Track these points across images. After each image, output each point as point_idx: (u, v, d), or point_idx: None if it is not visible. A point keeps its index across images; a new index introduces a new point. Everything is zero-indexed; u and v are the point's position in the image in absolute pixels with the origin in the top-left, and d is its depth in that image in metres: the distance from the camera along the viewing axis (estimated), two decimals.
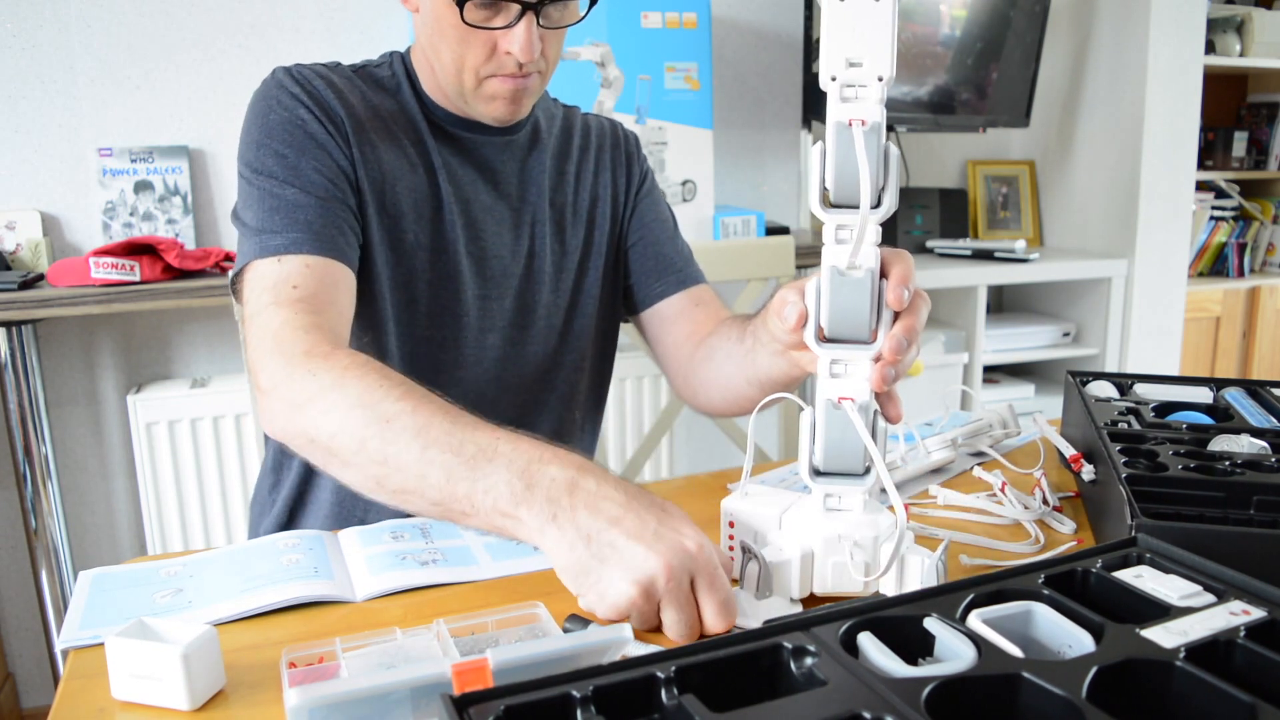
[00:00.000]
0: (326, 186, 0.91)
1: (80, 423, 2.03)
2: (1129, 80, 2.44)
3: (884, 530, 0.69)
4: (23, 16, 1.86)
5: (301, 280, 0.85)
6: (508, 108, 0.95)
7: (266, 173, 0.90)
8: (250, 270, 0.88)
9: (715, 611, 0.63)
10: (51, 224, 1.94)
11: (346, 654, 0.60)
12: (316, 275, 0.86)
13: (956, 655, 0.49)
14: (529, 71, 0.93)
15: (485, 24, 0.89)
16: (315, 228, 0.88)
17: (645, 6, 1.99)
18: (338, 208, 0.91)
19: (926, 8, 2.37)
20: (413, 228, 0.97)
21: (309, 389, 0.77)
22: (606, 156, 1.11)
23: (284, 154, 0.91)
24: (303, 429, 0.77)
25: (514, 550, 0.81)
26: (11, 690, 2.05)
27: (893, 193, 0.66)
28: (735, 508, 0.74)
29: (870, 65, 0.64)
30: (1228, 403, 1.01)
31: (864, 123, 0.64)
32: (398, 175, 0.96)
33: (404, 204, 0.96)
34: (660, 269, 1.10)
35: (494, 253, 1.02)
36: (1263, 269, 3.12)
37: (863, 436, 0.67)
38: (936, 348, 2.35)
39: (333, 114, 0.93)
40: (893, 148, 0.66)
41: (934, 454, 0.98)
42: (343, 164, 0.92)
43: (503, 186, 1.03)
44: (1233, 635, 0.49)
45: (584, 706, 0.44)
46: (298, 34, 2.04)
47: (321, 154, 0.91)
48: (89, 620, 0.70)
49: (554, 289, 1.06)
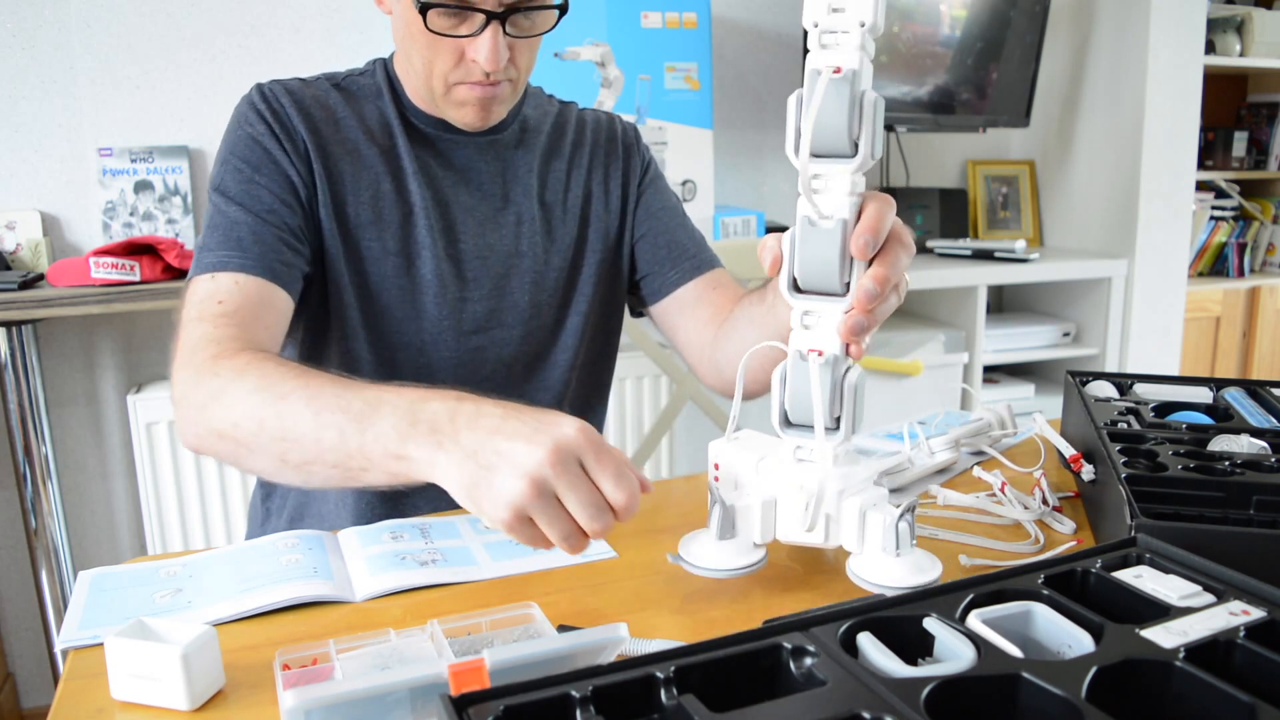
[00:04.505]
0: (273, 207, 0.92)
1: (80, 423, 2.03)
2: (1129, 80, 2.44)
3: (853, 485, 0.68)
4: (23, 16, 1.87)
5: (228, 296, 0.87)
6: (477, 114, 0.96)
7: (221, 190, 0.93)
8: (189, 287, 0.90)
9: (612, 482, 0.63)
10: (51, 224, 1.94)
11: (341, 655, 0.60)
12: (244, 292, 0.87)
13: (956, 655, 0.49)
14: (498, 80, 0.93)
15: (449, 32, 0.89)
16: (247, 245, 0.89)
17: (645, 6, 1.99)
18: (278, 229, 0.92)
19: (926, 8, 2.37)
20: (380, 236, 0.98)
21: (212, 388, 0.79)
22: (602, 151, 1.10)
23: (240, 170, 0.93)
24: (209, 427, 0.78)
25: (514, 550, 0.81)
26: (11, 690, 2.05)
27: (869, 141, 0.64)
28: (721, 451, 0.74)
29: (852, 11, 0.63)
30: (1227, 403, 1.00)
31: (838, 70, 0.62)
32: (362, 186, 0.97)
33: (367, 214, 0.97)
34: (673, 256, 1.09)
35: (473, 254, 1.02)
36: (1263, 269, 3.12)
37: (814, 394, 0.66)
38: (936, 348, 2.35)
39: (293, 132, 0.95)
40: (872, 95, 0.63)
41: (938, 455, 0.98)
42: (296, 182, 0.94)
43: (485, 187, 1.03)
44: (1232, 635, 0.49)
45: (583, 707, 0.44)
46: (297, 34, 2.04)
47: (275, 172, 0.93)
48: (89, 620, 0.70)
49: (541, 288, 1.05)
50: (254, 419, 0.75)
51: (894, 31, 2.36)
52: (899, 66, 2.40)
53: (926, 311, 2.56)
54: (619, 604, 0.72)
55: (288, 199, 0.94)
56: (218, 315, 0.85)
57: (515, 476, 0.62)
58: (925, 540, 0.83)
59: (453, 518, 0.89)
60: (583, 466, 0.64)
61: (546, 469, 0.62)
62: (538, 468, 0.62)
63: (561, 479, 0.62)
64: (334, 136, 0.97)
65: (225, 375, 0.78)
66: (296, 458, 0.74)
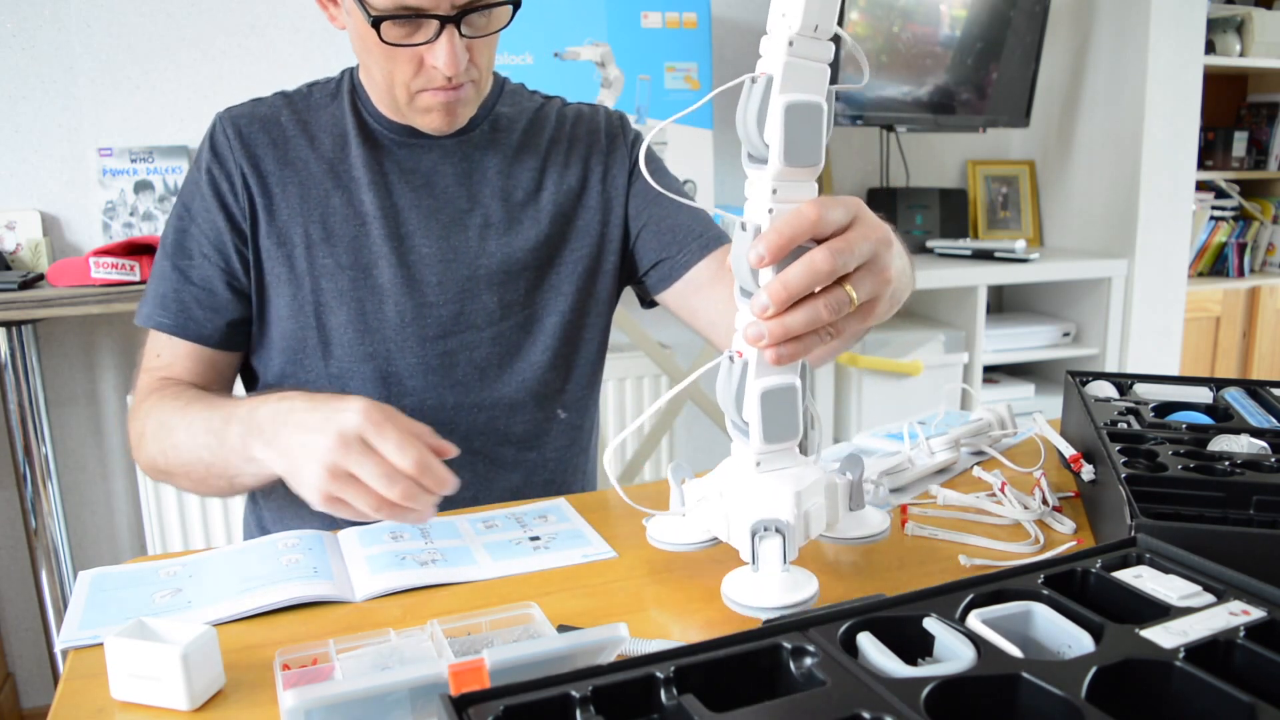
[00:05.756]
0: (198, 262, 0.99)
1: (80, 423, 2.03)
2: (1129, 80, 2.44)
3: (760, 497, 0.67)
4: (23, 16, 1.87)
5: (165, 351, 0.99)
6: (443, 119, 0.96)
7: (168, 229, 1.01)
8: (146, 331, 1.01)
9: (395, 453, 0.72)
10: (51, 224, 1.94)
11: (341, 655, 0.60)
12: (174, 352, 0.99)
13: (956, 655, 0.49)
14: (460, 82, 0.93)
15: (405, 41, 0.89)
16: (171, 308, 0.98)
17: (645, 6, 1.99)
18: (200, 288, 0.99)
19: (926, 8, 2.37)
20: (332, 252, 0.99)
21: (137, 429, 0.95)
22: (583, 145, 1.08)
23: (181, 217, 1.00)
24: (145, 463, 0.94)
25: (513, 550, 0.81)
26: (11, 690, 2.05)
27: (778, 148, 0.61)
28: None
29: (783, 12, 0.61)
30: (1227, 403, 1.00)
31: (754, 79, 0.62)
32: (310, 206, 0.99)
33: (318, 232, 0.99)
34: (680, 238, 1.06)
35: (435, 259, 1.01)
36: (1263, 269, 3.12)
37: (720, 393, 0.66)
38: (936, 348, 2.35)
39: (230, 173, 0.98)
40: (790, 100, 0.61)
41: (938, 455, 0.98)
42: (224, 229, 0.98)
43: (448, 190, 1.02)
44: (1232, 635, 0.49)
45: (583, 706, 0.44)
46: (297, 34, 2.04)
47: (206, 221, 0.99)
48: (89, 620, 0.70)
49: (510, 288, 1.03)
50: (162, 454, 0.91)
51: (894, 31, 2.36)
52: (899, 66, 2.40)
53: (926, 311, 2.56)
54: (619, 604, 0.72)
55: (215, 250, 0.99)
56: (156, 369, 0.99)
57: (313, 465, 0.73)
58: (925, 540, 0.83)
59: (452, 518, 0.89)
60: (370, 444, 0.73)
61: (336, 453, 0.72)
62: (327, 453, 0.72)
63: (349, 459, 0.72)
64: (279, 159, 0.99)
65: (140, 416, 0.94)
66: (198, 475, 0.88)
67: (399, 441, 0.72)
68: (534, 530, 0.85)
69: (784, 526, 0.65)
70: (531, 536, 0.84)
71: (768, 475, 0.68)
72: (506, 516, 0.89)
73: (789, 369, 0.66)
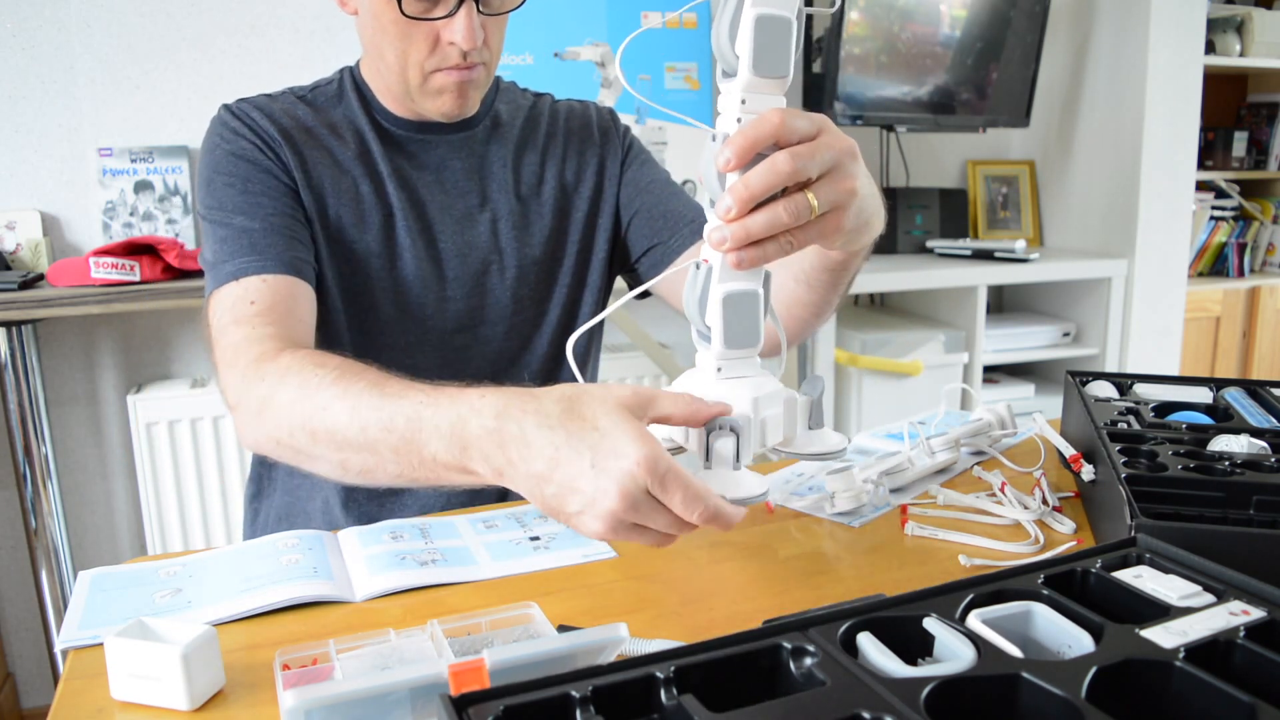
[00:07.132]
0: (274, 208, 0.93)
1: (80, 423, 2.03)
2: (1129, 80, 2.44)
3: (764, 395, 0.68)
4: (23, 16, 1.87)
5: (258, 296, 0.87)
6: (455, 101, 0.96)
7: (216, 206, 0.93)
8: (212, 300, 0.89)
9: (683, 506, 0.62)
10: (51, 224, 1.94)
11: (341, 655, 0.60)
12: (273, 290, 0.88)
13: (956, 655, 0.49)
14: (474, 62, 0.93)
15: (425, 15, 0.89)
16: (262, 248, 0.90)
17: (645, 6, 1.99)
18: (287, 225, 0.93)
19: (926, 8, 2.37)
20: (362, 238, 0.98)
21: (261, 393, 0.78)
22: (576, 140, 1.09)
23: (231, 184, 0.93)
24: (267, 433, 0.78)
25: (514, 550, 0.81)
26: (11, 690, 2.05)
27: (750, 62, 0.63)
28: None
29: None
30: (1227, 403, 1.00)
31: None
32: (341, 190, 0.98)
33: (349, 217, 0.98)
34: (672, 224, 1.07)
35: (453, 254, 1.02)
36: (1263, 269, 3.12)
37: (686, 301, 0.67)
38: (936, 348, 2.35)
39: (270, 141, 0.96)
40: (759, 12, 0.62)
41: (938, 455, 0.98)
42: (287, 184, 0.95)
43: (460, 185, 1.03)
44: (1232, 635, 0.49)
45: (583, 707, 0.44)
46: (297, 34, 2.04)
47: (266, 178, 0.94)
48: (89, 620, 0.70)
49: (522, 283, 1.05)
50: (305, 430, 0.74)
51: (894, 31, 2.36)
52: (899, 66, 2.40)
53: (926, 311, 2.56)
54: (619, 604, 0.72)
55: (286, 201, 0.94)
56: (253, 315, 0.86)
57: (595, 519, 0.62)
58: (925, 540, 0.83)
59: (452, 518, 0.89)
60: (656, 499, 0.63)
61: (624, 512, 0.62)
62: (613, 513, 0.62)
63: (638, 514, 0.62)
64: (308, 144, 0.98)
65: (270, 380, 0.78)
66: (356, 467, 0.74)
67: (686, 500, 0.63)
68: (534, 530, 0.85)
69: (738, 425, 0.65)
70: (531, 536, 0.84)
71: (728, 381, 0.68)
72: (507, 516, 0.89)
73: (751, 276, 0.67)
